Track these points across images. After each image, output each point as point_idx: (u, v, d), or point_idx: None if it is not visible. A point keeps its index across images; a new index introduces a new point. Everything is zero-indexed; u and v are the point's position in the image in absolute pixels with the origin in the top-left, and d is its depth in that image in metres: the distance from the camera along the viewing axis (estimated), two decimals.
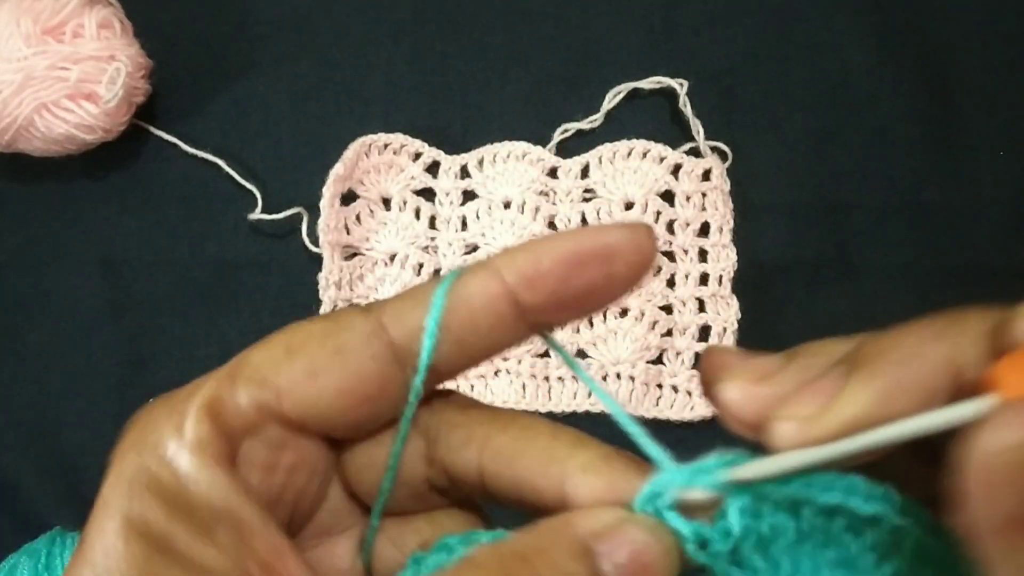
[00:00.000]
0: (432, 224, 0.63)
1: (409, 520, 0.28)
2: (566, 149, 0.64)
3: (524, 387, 0.60)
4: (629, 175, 0.63)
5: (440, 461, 0.26)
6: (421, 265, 0.63)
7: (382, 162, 0.63)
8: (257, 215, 0.62)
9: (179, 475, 0.23)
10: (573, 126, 0.64)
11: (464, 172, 0.64)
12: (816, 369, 0.23)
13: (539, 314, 0.24)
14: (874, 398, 0.22)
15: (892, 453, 0.22)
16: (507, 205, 0.63)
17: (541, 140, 0.64)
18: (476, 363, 0.25)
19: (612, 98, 0.64)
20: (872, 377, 0.22)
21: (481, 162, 0.64)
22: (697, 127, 0.62)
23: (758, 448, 0.23)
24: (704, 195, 0.62)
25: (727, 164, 0.62)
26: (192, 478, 0.23)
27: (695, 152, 0.63)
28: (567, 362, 0.27)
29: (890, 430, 0.21)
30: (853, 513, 0.23)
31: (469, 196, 0.64)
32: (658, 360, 0.61)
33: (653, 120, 0.64)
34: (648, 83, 0.64)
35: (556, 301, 0.24)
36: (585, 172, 0.63)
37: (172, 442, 0.24)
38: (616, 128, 0.64)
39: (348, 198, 0.63)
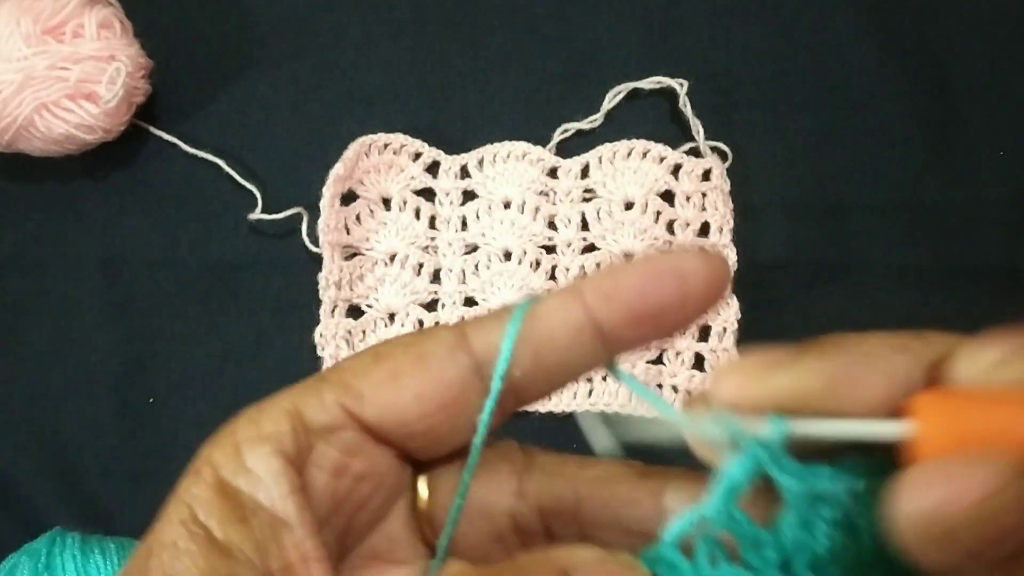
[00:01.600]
0: (432, 224, 0.63)
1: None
2: (566, 149, 0.64)
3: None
4: (629, 175, 0.63)
5: (534, 492, 0.26)
6: (421, 265, 0.63)
7: (382, 162, 0.63)
8: (257, 215, 0.62)
9: (240, 462, 0.24)
10: (573, 126, 0.64)
11: (464, 172, 0.64)
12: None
13: (616, 331, 0.24)
14: (818, 378, 0.22)
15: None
16: (507, 205, 0.63)
17: (541, 140, 0.64)
18: (556, 385, 0.25)
19: (612, 98, 0.64)
20: (824, 358, 0.22)
21: (481, 162, 0.64)
22: (697, 127, 0.62)
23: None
24: (704, 195, 0.62)
25: (727, 164, 0.62)
26: (247, 466, 0.24)
27: (695, 152, 0.63)
28: (641, 394, 0.27)
29: (814, 425, 0.22)
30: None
31: (469, 196, 0.64)
32: (658, 360, 0.61)
33: (653, 120, 0.64)
34: (648, 83, 0.64)
35: (633, 317, 0.24)
36: (585, 172, 0.63)
37: (246, 433, 0.24)
38: (616, 128, 0.64)
39: (348, 198, 0.63)
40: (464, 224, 0.63)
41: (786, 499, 0.22)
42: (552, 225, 0.63)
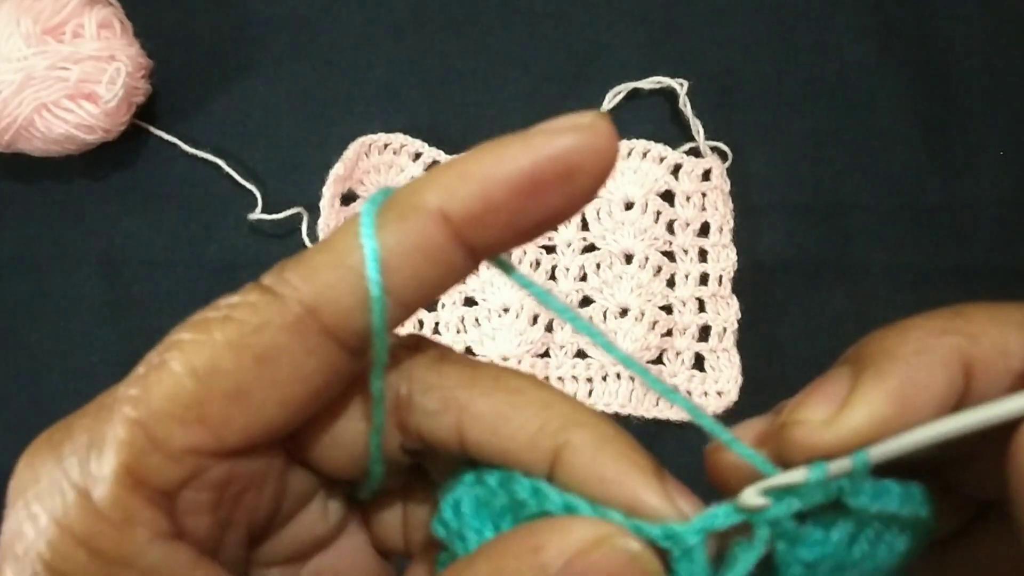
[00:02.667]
0: None
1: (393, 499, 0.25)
2: None
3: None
4: (629, 175, 0.63)
5: (415, 429, 0.23)
6: None
7: (382, 162, 0.63)
8: (257, 215, 0.62)
9: (113, 562, 0.19)
10: None
11: None
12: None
13: (486, 248, 0.20)
14: (888, 400, 0.20)
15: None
16: None
17: None
18: (414, 311, 0.21)
19: (612, 98, 0.64)
20: (881, 377, 0.20)
21: None
22: (697, 127, 0.62)
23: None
24: (704, 195, 0.62)
25: (727, 164, 0.62)
26: (130, 564, 0.19)
27: (695, 152, 0.63)
28: (539, 297, 0.22)
29: (956, 420, 0.20)
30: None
31: None
32: (658, 360, 0.61)
33: (653, 120, 0.64)
34: (648, 83, 0.64)
35: (509, 234, 0.20)
36: None
37: (83, 518, 0.19)
38: (616, 128, 0.64)
39: (348, 198, 0.63)
40: None
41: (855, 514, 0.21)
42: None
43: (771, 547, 0.21)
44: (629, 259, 0.62)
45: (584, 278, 0.62)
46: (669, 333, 0.61)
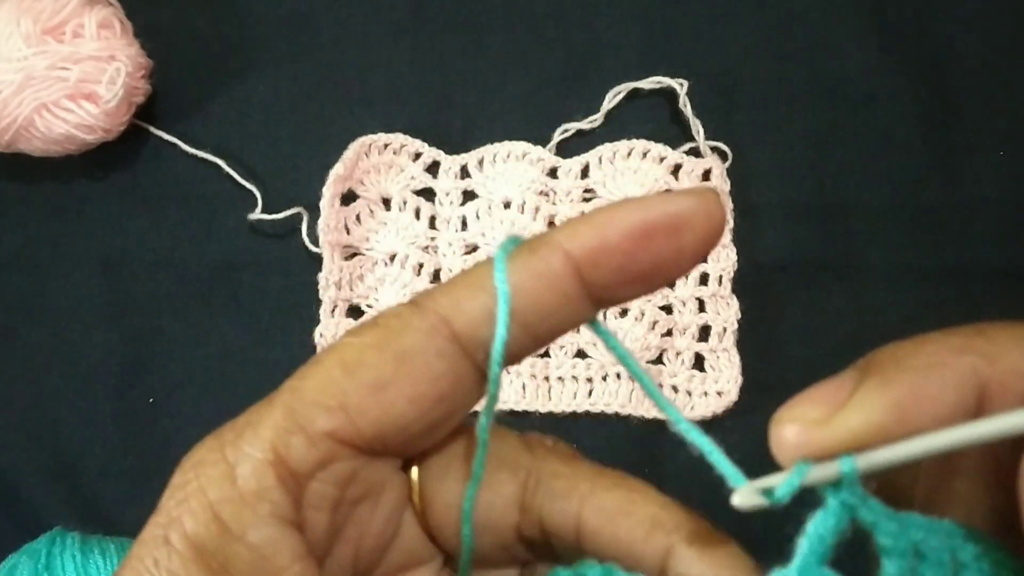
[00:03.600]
0: (432, 224, 0.63)
1: (490, 573, 0.26)
2: (566, 149, 0.64)
3: (524, 387, 0.60)
4: (629, 175, 0.63)
5: (536, 510, 0.25)
6: (421, 265, 0.63)
7: (382, 162, 0.63)
8: (257, 215, 0.62)
9: (225, 530, 0.21)
10: (573, 126, 0.64)
11: (464, 172, 0.64)
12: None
13: (604, 291, 0.23)
14: (887, 407, 0.20)
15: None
16: (507, 205, 0.63)
17: (541, 140, 0.64)
18: (543, 344, 0.24)
19: (612, 98, 0.64)
20: (886, 384, 0.20)
21: (481, 162, 0.64)
22: (697, 127, 0.62)
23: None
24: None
25: (727, 164, 0.62)
26: (237, 534, 0.21)
27: (695, 152, 0.63)
28: (618, 355, 0.25)
29: (955, 433, 0.19)
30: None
31: (469, 196, 0.64)
32: (658, 360, 0.61)
33: (653, 120, 0.64)
34: (648, 83, 0.64)
35: (623, 277, 0.22)
36: (585, 172, 0.63)
37: (222, 493, 0.22)
38: (616, 128, 0.64)
39: (348, 198, 0.63)
40: (464, 224, 0.63)
41: (883, 551, 0.20)
42: (552, 225, 0.63)
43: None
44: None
45: None
46: (669, 333, 0.61)
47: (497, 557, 0.26)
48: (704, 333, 0.61)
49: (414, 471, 0.25)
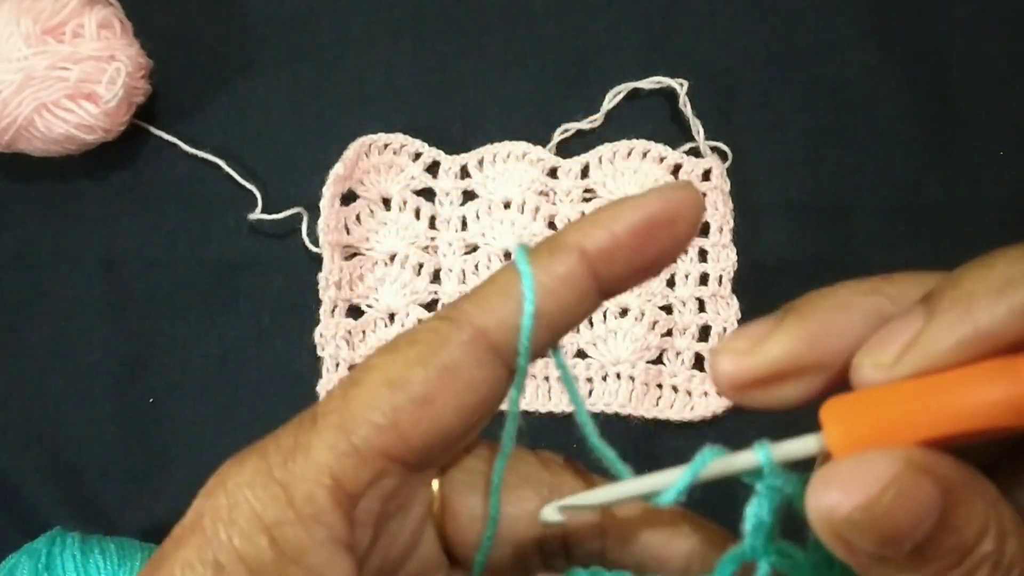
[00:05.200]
0: (432, 224, 0.63)
1: None
2: (566, 149, 0.64)
3: (524, 387, 0.60)
4: (629, 175, 0.63)
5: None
6: (421, 265, 0.63)
7: (382, 162, 0.63)
8: (257, 215, 0.62)
9: (284, 554, 0.22)
10: (573, 126, 0.64)
11: (464, 172, 0.64)
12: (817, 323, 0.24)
13: (612, 283, 0.25)
14: (801, 338, 0.23)
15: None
16: (507, 205, 0.63)
17: (541, 140, 0.64)
18: (558, 339, 0.26)
19: (612, 98, 0.64)
20: (801, 320, 0.23)
21: (481, 162, 0.64)
22: (697, 127, 0.62)
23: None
24: (704, 195, 0.62)
25: (727, 164, 0.62)
26: (297, 560, 0.22)
27: (695, 152, 0.63)
28: (565, 380, 0.28)
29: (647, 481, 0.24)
30: None
31: (469, 196, 0.64)
32: (658, 360, 0.61)
33: (653, 120, 0.64)
34: (648, 83, 0.64)
35: (630, 269, 0.25)
36: (585, 172, 0.63)
37: (276, 508, 0.22)
38: (616, 128, 0.64)
39: (348, 198, 0.63)
40: (464, 224, 0.63)
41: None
42: (552, 225, 0.63)
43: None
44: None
45: None
46: (669, 333, 0.61)
47: (510, 568, 0.27)
48: (704, 333, 0.61)
49: (434, 482, 0.26)
